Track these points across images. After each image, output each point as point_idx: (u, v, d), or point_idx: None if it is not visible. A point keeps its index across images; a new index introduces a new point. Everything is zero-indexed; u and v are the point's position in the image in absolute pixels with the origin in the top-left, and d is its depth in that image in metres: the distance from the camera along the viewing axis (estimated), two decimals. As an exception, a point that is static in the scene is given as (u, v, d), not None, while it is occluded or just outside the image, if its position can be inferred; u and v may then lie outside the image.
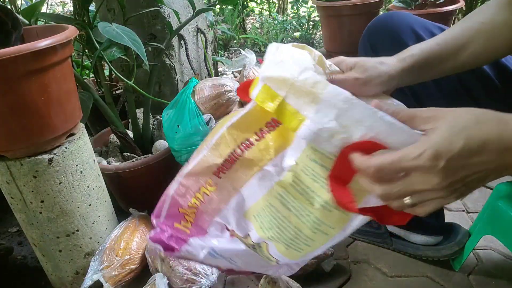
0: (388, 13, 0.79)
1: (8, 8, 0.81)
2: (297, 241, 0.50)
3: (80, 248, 0.91)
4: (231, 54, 3.34)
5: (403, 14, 0.77)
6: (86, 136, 0.90)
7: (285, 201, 0.49)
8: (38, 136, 0.77)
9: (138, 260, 0.93)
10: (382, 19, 0.78)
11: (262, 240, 0.53)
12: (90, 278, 0.86)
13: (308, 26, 3.31)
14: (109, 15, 1.39)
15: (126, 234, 0.95)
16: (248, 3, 3.81)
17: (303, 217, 0.48)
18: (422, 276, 0.90)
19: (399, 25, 0.74)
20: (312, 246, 0.50)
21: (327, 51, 1.93)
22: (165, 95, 1.48)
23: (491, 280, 0.88)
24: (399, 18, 0.75)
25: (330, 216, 0.46)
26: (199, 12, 1.17)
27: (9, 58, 0.66)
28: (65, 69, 0.80)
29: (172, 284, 0.89)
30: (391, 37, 0.75)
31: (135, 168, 1.06)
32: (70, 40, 0.79)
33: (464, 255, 0.88)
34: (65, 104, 0.80)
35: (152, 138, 1.26)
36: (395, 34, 0.74)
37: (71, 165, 0.84)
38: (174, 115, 1.03)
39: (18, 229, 1.25)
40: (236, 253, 0.56)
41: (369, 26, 0.81)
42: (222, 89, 0.99)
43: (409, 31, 0.73)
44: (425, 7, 1.68)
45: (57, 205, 0.83)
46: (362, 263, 0.96)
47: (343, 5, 1.71)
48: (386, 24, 0.76)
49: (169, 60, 1.42)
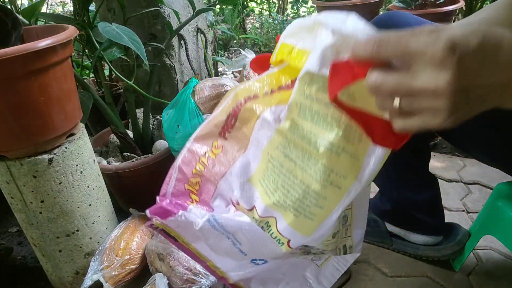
0: (388, 13, 0.78)
1: (8, 8, 0.81)
2: (307, 202, 0.44)
3: (80, 248, 0.91)
4: (231, 54, 3.34)
5: (403, 15, 0.76)
6: (86, 136, 0.90)
7: (287, 151, 0.44)
8: (38, 136, 0.77)
9: (138, 260, 0.93)
10: (381, 19, 0.77)
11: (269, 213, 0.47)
12: (90, 278, 0.86)
13: (308, 26, 3.31)
14: (109, 15, 1.39)
15: (126, 234, 0.95)
16: (248, 3, 3.81)
17: (309, 168, 0.43)
18: (422, 276, 0.90)
19: (399, 26, 0.74)
20: (326, 208, 0.44)
21: (327, 51, 1.94)
22: (165, 95, 1.48)
23: (491, 280, 0.88)
24: (399, 18, 0.75)
25: (339, 162, 0.41)
26: (199, 12, 1.17)
27: (9, 58, 0.66)
28: (65, 69, 0.80)
29: (172, 284, 0.89)
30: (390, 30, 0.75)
31: (135, 168, 1.06)
32: (70, 40, 0.79)
33: (464, 255, 0.88)
34: (65, 104, 0.80)
35: (152, 138, 1.26)
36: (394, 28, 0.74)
37: (71, 165, 0.84)
38: (174, 115, 1.03)
39: (18, 229, 1.25)
40: (240, 227, 0.49)
41: (371, 22, 0.80)
42: (222, 89, 0.99)
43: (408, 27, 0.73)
44: (425, 7, 1.68)
45: (57, 205, 0.83)
46: (362, 263, 0.96)
47: (343, 5, 1.71)
48: (386, 25, 0.76)
49: (169, 60, 1.42)
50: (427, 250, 0.92)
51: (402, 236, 0.96)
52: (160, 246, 0.92)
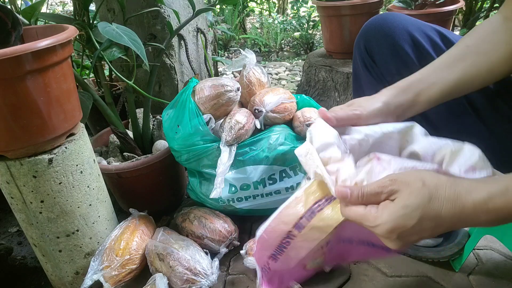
0: (383, 15, 0.77)
1: (8, 8, 0.81)
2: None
3: (80, 248, 0.91)
4: (231, 54, 3.34)
5: (398, 16, 0.75)
6: (86, 136, 0.90)
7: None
8: (38, 136, 0.77)
9: (138, 260, 0.93)
10: (376, 21, 0.76)
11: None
12: (90, 278, 0.86)
13: (308, 26, 3.31)
14: (109, 15, 1.39)
15: (126, 234, 0.95)
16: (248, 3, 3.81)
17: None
18: (422, 276, 0.90)
19: (394, 28, 0.73)
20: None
21: (327, 51, 1.93)
22: (165, 95, 1.48)
23: (491, 280, 0.88)
24: (394, 20, 0.74)
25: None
26: (199, 12, 1.17)
27: (9, 58, 0.66)
28: (65, 69, 0.80)
29: (172, 284, 0.89)
30: (386, 40, 0.74)
31: (135, 168, 1.06)
32: (70, 40, 0.79)
33: (464, 255, 0.88)
34: (65, 104, 0.80)
35: (152, 138, 1.26)
36: (390, 37, 0.73)
37: (71, 165, 0.84)
38: (174, 115, 1.03)
39: (18, 229, 1.25)
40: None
41: (363, 29, 0.79)
42: (222, 89, 0.99)
43: (405, 33, 0.72)
44: (425, 7, 1.68)
45: (57, 205, 0.83)
46: (362, 263, 0.96)
47: (343, 5, 1.71)
48: (381, 27, 0.75)
49: (169, 60, 1.42)
50: (427, 252, 0.92)
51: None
52: (160, 246, 0.92)
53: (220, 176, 0.94)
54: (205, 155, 1.00)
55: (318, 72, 1.81)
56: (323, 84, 1.80)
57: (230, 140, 0.96)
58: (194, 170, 1.07)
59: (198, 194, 1.07)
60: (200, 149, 0.99)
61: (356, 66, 0.84)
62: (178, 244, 0.92)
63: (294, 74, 2.82)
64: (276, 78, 2.74)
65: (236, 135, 0.96)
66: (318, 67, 1.81)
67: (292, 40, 3.52)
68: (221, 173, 0.94)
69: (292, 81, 2.66)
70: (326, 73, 1.78)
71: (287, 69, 2.94)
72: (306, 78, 1.92)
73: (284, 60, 3.18)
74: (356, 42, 0.82)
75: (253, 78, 1.08)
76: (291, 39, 3.52)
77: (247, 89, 1.08)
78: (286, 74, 2.83)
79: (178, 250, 0.90)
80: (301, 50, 3.34)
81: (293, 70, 2.90)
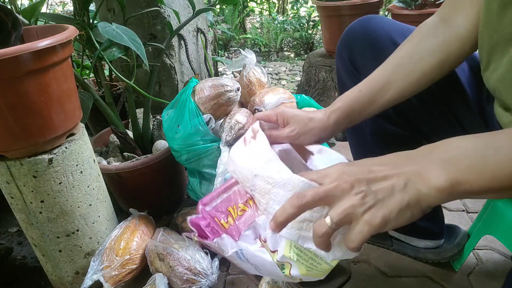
0: (364, 21, 0.75)
1: (8, 8, 0.81)
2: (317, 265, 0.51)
3: (80, 248, 0.91)
4: (231, 54, 3.34)
5: (381, 20, 0.73)
6: (86, 136, 0.90)
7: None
8: (38, 136, 0.77)
9: (138, 260, 0.93)
10: (358, 30, 0.75)
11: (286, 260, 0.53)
12: (90, 278, 0.86)
13: (308, 26, 3.31)
14: (109, 15, 1.39)
15: (126, 234, 0.95)
16: (248, 3, 3.81)
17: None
18: (422, 276, 0.90)
19: (377, 33, 0.72)
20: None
21: (327, 51, 1.93)
22: (165, 95, 1.48)
23: (491, 280, 0.88)
24: (376, 24, 0.72)
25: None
26: (199, 12, 1.17)
27: (9, 58, 0.66)
28: (65, 69, 0.80)
29: (172, 284, 0.89)
30: (369, 45, 0.72)
31: (135, 168, 1.06)
32: (70, 40, 0.79)
33: (464, 255, 0.88)
34: (65, 104, 0.80)
35: (152, 138, 1.26)
36: (372, 42, 0.72)
37: (71, 165, 0.84)
38: (174, 115, 1.03)
39: (18, 229, 1.25)
40: (262, 263, 0.57)
41: (344, 37, 0.78)
42: (222, 89, 0.99)
43: (387, 39, 0.70)
44: (425, 7, 1.68)
45: (57, 205, 0.83)
46: (362, 263, 0.96)
47: (343, 5, 1.71)
48: (363, 36, 0.73)
49: (169, 60, 1.42)
50: (427, 253, 0.92)
51: (403, 240, 0.96)
52: (160, 246, 0.92)
53: (220, 176, 0.94)
54: (205, 155, 1.00)
55: (318, 72, 1.81)
56: (323, 84, 1.81)
57: (230, 140, 0.96)
58: (194, 170, 1.07)
59: (198, 194, 1.07)
60: (200, 149, 0.99)
61: (340, 76, 0.83)
62: (178, 244, 0.92)
63: (294, 74, 2.82)
64: (276, 78, 2.74)
65: (236, 135, 0.96)
66: (318, 67, 1.81)
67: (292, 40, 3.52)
68: (221, 173, 0.94)
69: (292, 81, 2.66)
70: (326, 73, 1.78)
71: (287, 69, 2.94)
72: (306, 78, 1.92)
73: (284, 60, 3.18)
74: (337, 51, 0.80)
75: (253, 78, 1.08)
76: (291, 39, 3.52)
77: (247, 89, 1.08)
78: (286, 74, 2.83)
79: (178, 250, 0.90)
80: (301, 50, 3.34)
81: (293, 70, 2.90)
